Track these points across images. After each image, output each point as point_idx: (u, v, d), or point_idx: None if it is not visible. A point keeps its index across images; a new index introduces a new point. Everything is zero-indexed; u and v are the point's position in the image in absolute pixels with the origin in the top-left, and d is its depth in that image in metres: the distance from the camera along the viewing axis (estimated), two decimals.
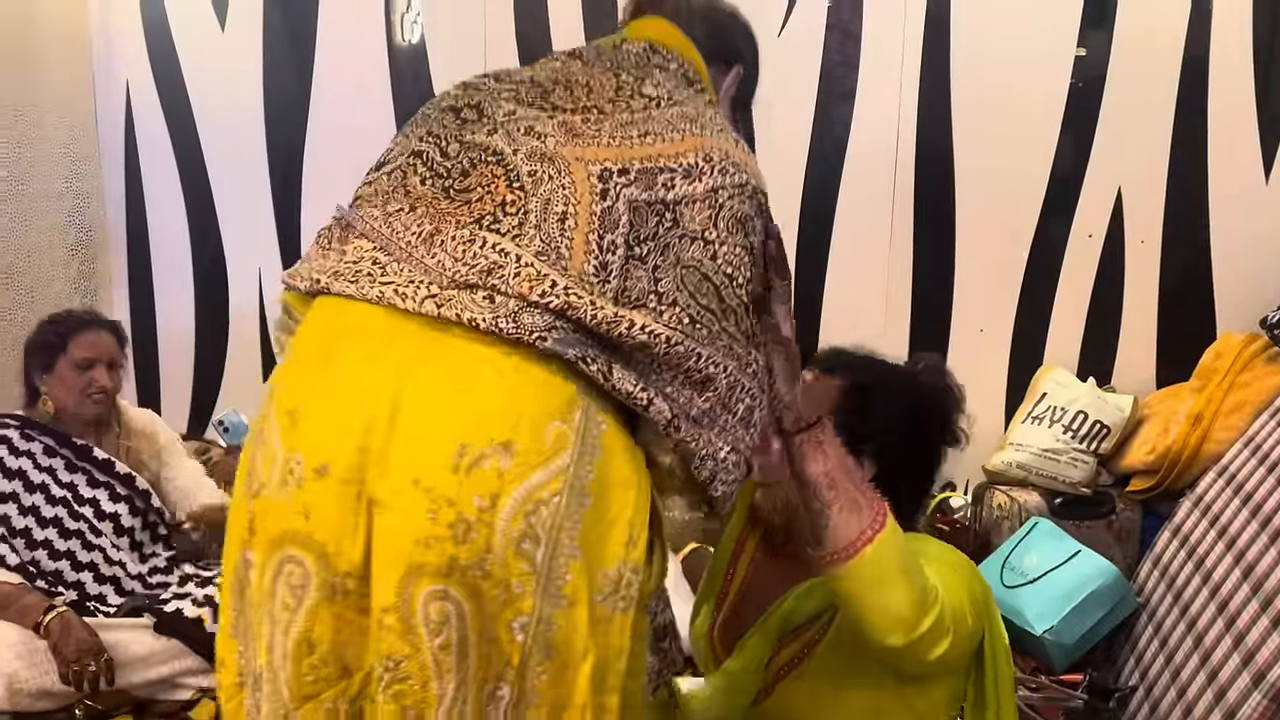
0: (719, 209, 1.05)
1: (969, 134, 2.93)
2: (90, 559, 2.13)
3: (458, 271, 0.98)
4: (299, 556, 0.94)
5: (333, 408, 0.96)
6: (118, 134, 3.29)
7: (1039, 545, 2.49)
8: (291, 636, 0.94)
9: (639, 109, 1.10)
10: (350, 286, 1.01)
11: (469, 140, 1.08)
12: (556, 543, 0.92)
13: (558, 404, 0.94)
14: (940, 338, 3.03)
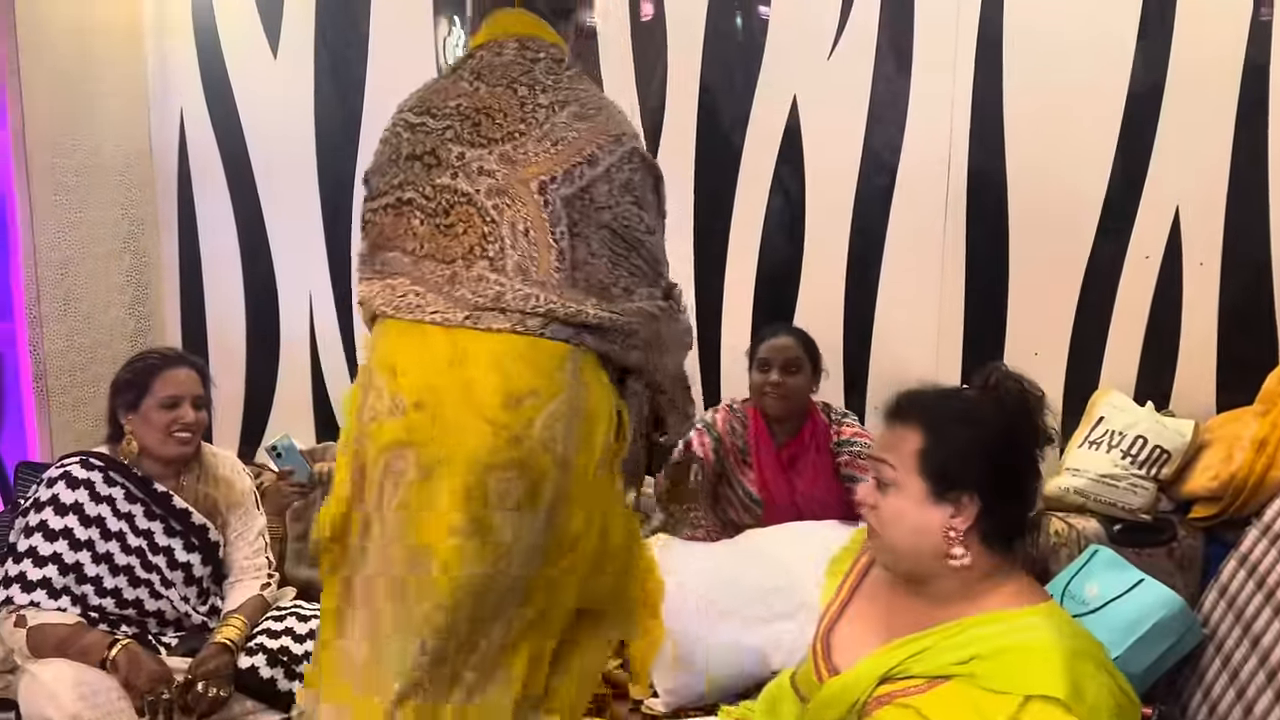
0: (611, 181, 1.51)
1: (1022, 154, 2.90)
2: (157, 607, 2.14)
3: (478, 301, 1.46)
4: (406, 456, 1.43)
5: (421, 370, 1.46)
6: (171, 161, 3.34)
7: (1100, 574, 2.44)
8: (398, 497, 1.43)
9: (544, 120, 1.50)
10: (406, 315, 1.49)
11: (439, 184, 1.51)
12: (565, 440, 1.45)
13: (557, 362, 1.47)
14: (993, 361, 2.99)
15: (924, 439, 1.37)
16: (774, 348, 2.62)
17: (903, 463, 1.37)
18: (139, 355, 2.30)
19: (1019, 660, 1.26)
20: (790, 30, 2.98)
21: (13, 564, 2.03)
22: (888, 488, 1.39)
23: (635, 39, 3.06)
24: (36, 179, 2.80)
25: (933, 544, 1.35)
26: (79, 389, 2.99)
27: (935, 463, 1.35)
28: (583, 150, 1.49)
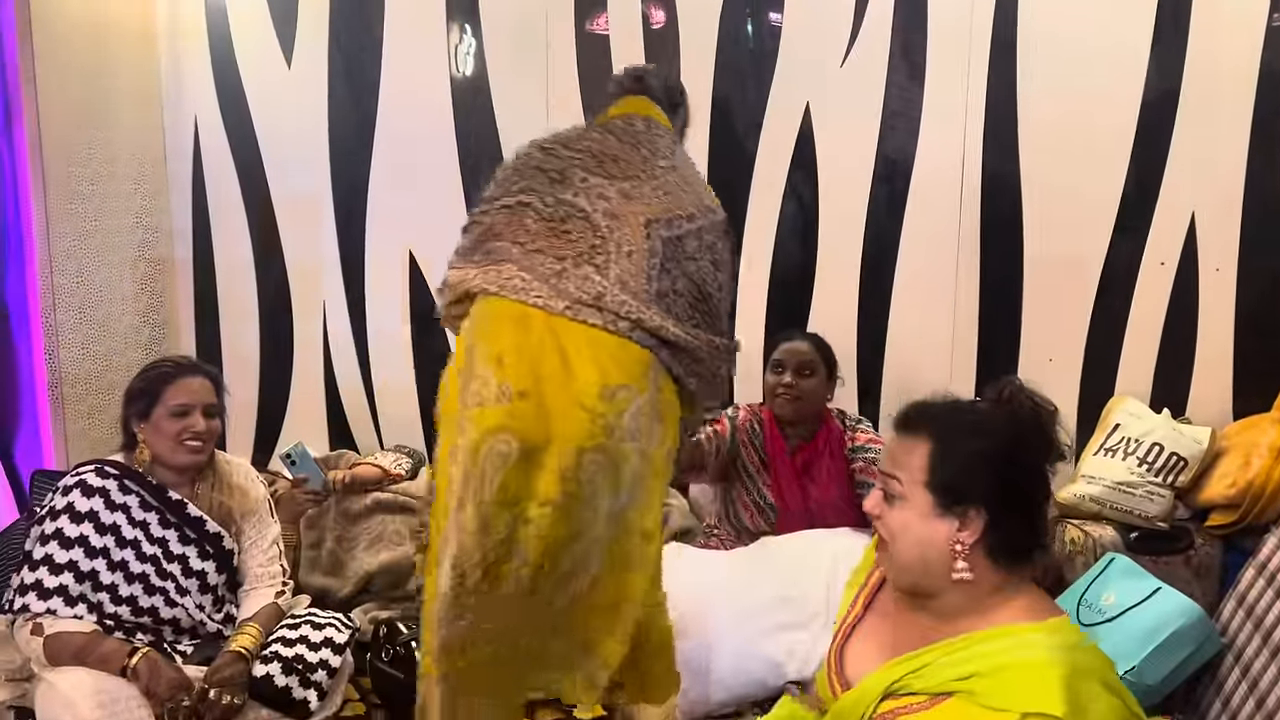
0: (701, 239, 1.79)
1: (1036, 160, 2.89)
2: (172, 615, 2.14)
3: (580, 296, 1.67)
4: (508, 440, 1.59)
5: (526, 359, 1.63)
6: (186, 169, 3.35)
7: (1116, 582, 2.43)
8: (498, 482, 1.59)
9: (658, 176, 1.81)
10: (511, 294, 1.68)
11: (561, 198, 1.75)
12: (649, 435, 1.67)
13: (643, 365, 1.69)
14: (1008, 367, 2.99)
15: (932, 451, 1.35)
16: (788, 350, 2.63)
17: (910, 475, 1.36)
18: (152, 364, 2.30)
19: (1018, 677, 1.24)
20: (803, 37, 2.99)
21: (28, 571, 2.03)
22: (895, 500, 1.38)
23: (648, 45, 3.07)
24: (52, 187, 2.82)
25: (938, 558, 1.34)
26: (94, 396, 3.00)
27: (942, 476, 1.34)
28: (684, 208, 1.80)
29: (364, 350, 3.36)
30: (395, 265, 3.27)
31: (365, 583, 2.80)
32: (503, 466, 1.59)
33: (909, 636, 1.39)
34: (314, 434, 3.38)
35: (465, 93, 3.18)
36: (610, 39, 3.09)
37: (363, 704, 2.32)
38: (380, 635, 2.36)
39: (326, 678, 2.13)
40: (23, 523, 2.52)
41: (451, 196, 3.21)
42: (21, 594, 2.01)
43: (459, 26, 3.17)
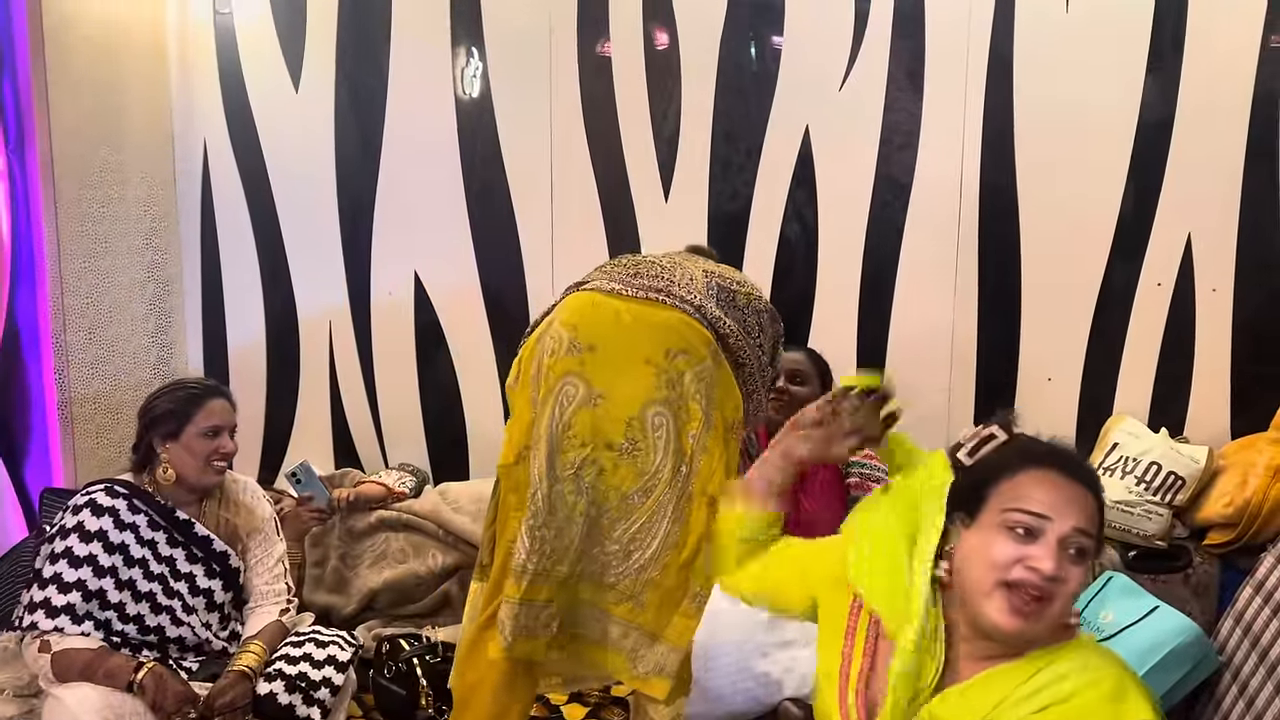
0: (749, 303, 2.08)
1: (1033, 181, 2.92)
2: (178, 633, 2.16)
3: (651, 286, 1.98)
4: (575, 383, 1.88)
5: (597, 325, 1.92)
6: (194, 191, 3.40)
7: (1114, 600, 2.44)
8: (562, 421, 1.87)
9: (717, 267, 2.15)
10: (588, 288, 2.01)
11: (636, 256, 2.13)
12: (709, 398, 1.89)
13: (704, 339, 1.93)
14: (1007, 387, 3.01)
15: (1098, 507, 1.34)
16: (784, 358, 2.67)
17: (1096, 534, 1.32)
18: (175, 384, 2.32)
19: (1102, 709, 1.27)
20: (803, 60, 3.02)
21: (38, 590, 2.06)
22: (1084, 559, 1.30)
23: (650, 67, 3.11)
24: (63, 208, 2.86)
25: (1070, 610, 1.33)
26: (103, 416, 3.04)
27: (1101, 530, 1.34)
28: (739, 280, 2.12)
29: (369, 370, 3.39)
30: (401, 285, 3.31)
31: (369, 600, 2.82)
32: (570, 405, 1.86)
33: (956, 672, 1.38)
34: (319, 452, 3.41)
35: (470, 115, 3.23)
36: (613, 61, 3.13)
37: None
38: (383, 652, 2.38)
39: (330, 695, 2.15)
40: (32, 540, 2.55)
41: (456, 218, 3.25)
42: (30, 611, 2.04)
43: (464, 49, 3.21)
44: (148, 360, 3.25)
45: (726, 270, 2.13)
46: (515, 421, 1.98)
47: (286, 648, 2.21)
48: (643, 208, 3.18)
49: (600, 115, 3.16)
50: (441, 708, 2.23)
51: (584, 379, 1.87)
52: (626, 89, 3.12)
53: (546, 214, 3.23)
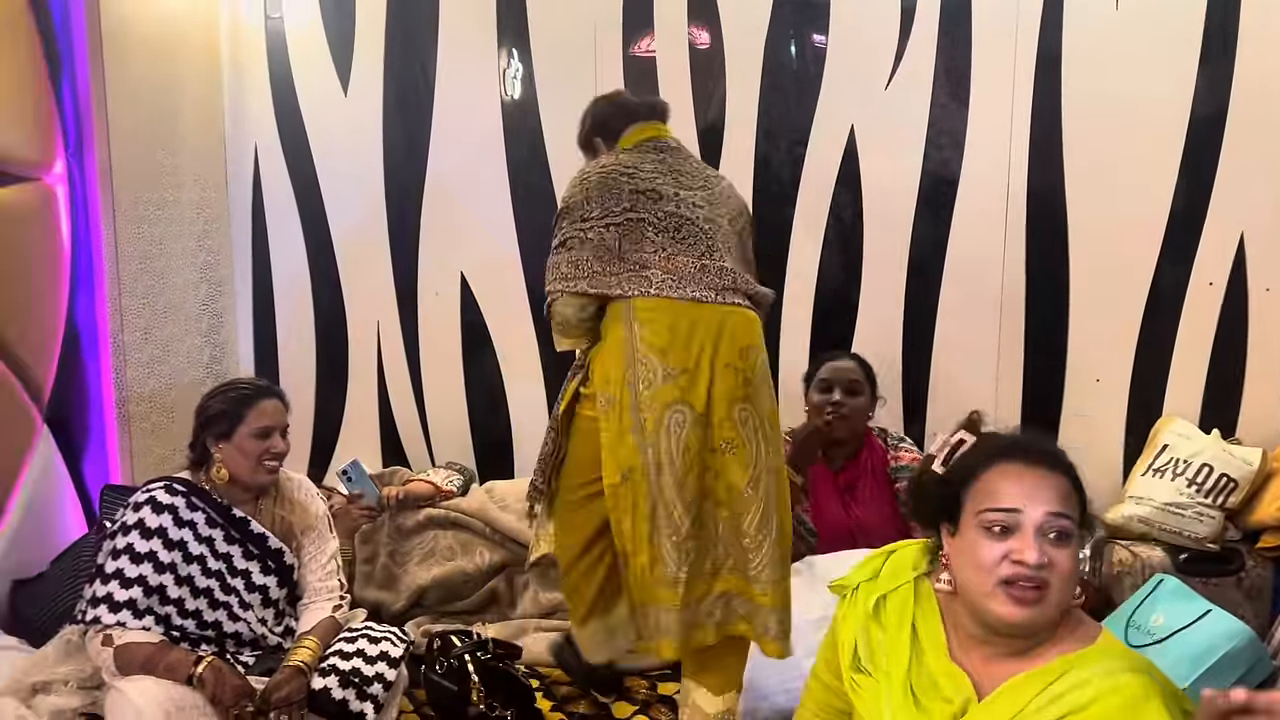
0: (748, 224, 2.33)
1: (1082, 180, 2.90)
2: (235, 629, 2.20)
3: (722, 285, 2.10)
4: (681, 409, 2.02)
5: (681, 344, 2.04)
6: (246, 194, 3.46)
7: (1166, 603, 2.41)
8: (680, 446, 2.02)
9: (715, 183, 2.27)
10: (670, 293, 2.07)
11: (668, 210, 2.13)
12: (768, 377, 2.13)
13: (759, 328, 2.14)
14: (1055, 388, 2.99)
15: (1073, 485, 1.37)
16: (835, 369, 2.65)
17: (1075, 513, 1.35)
18: (228, 385, 2.35)
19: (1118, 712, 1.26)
20: (848, 59, 3.02)
21: (100, 585, 2.11)
22: (1068, 540, 1.33)
23: (693, 67, 3.12)
24: (121, 211, 2.92)
25: (1074, 590, 1.35)
26: (158, 415, 3.10)
27: (1083, 506, 1.36)
28: (739, 204, 2.31)
29: (416, 369, 3.43)
30: (447, 285, 3.35)
31: (418, 597, 2.86)
32: (683, 431, 2.02)
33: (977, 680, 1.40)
34: (368, 450, 3.46)
35: (515, 116, 3.26)
36: (656, 61, 3.14)
37: (416, 715, 2.37)
38: (434, 648, 2.41)
39: (382, 690, 2.18)
40: (92, 536, 2.61)
41: (502, 219, 3.28)
42: (93, 606, 2.09)
43: (508, 51, 3.24)
44: (201, 360, 3.32)
45: (721, 190, 2.27)
46: (618, 444, 2.06)
47: (340, 644, 2.25)
48: None
49: None
50: (492, 704, 2.26)
51: (686, 404, 2.02)
52: (670, 89, 3.14)
53: None
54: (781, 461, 2.11)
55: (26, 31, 2.68)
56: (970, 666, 1.41)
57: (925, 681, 1.43)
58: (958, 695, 1.39)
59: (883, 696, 1.46)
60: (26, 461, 2.70)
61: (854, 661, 1.52)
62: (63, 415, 2.84)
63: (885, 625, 1.50)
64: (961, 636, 1.43)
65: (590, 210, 2.12)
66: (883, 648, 1.48)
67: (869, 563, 1.58)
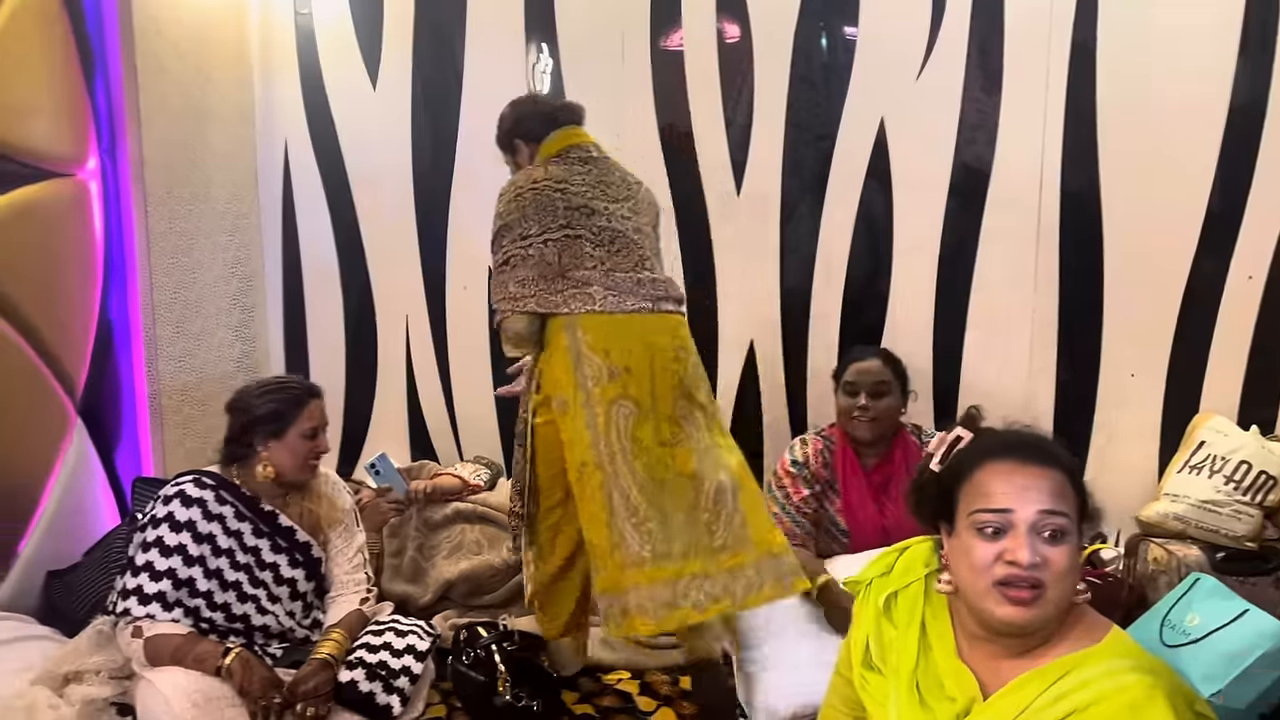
0: (657, 217, 2.50)
1: (1117, 172, 2.85)
2: (263, 622, 2.23)
3: (656, 295, 2.29)
4: (625, 404, 2.17)
5: (624, 347, 2.20)
6: (276, 188, 3.48)
7: (1201, 603, 2.36)
8: (628, 437, 2.16)
9: (635, 191, 2.41)
10: (614, 309, 2.23)
11: (601, 225, 2.29)
12: (700, 379, 2.30)
13: (687, 329, 2.33)
14: (1089, 383, 2.94)
15: (1069, 480, 1.34)
16: (860, 370, 2.60)
17: (1071, 508, 1.33)
18: (276, 384, 2.34)
19: (1120, 712, 1.24)
20: (878, 50, 2.99)
21: (130, 577, 2.14)
22: (1064, 538, 1.31)
23: (722, 60, 3.10)
24: (153, 207, 2.96)
25: (1073, 586, 1.33)
26: (189, 408, 3.13)
27: (1081, 501, 1.34)
28: (656, 209, 2.47)
29: (444, 363, 3.44)
30: (475, 281, 3.35)
31: (445, 590, 2.86)
32: (628, 423, 2.16)
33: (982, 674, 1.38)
34: (396, 445, 3.48)
35: None
36: (685, 55, 3.13)
37: (444, 706, 2.38)
38: (461, 639, 2.42)
39: (409, 684, 2.19)
40: (124, 528, 2.64)
41: None
42: (124, 598, 2.12)
43: (536, 46, 3.24)
44: (231, 354, 3.34)
45: (641, 196, 2.42)
46: (575, 441, 2.19)
47: (367, 636, 2.26)
48: (714, 202, 3.17)
49: (672, 109, 3.16)
50: (519, 694, 2.26)
51: (631, 399, 2.18)
52: (698, 82, 3.12)
53: None
54: (725, 439, 2.29)
55: (61, 30, 2.72)
56: (976, 665, 1.39)
57: (931, 680, 1.42)
58: (962, 694, 1.37)
59: (889, 694, 1.44)
60: (61, 454, 2.74)
61: (865, 658, 1.51)
62: (96, 408, 2.88)
63: (896, 622, 1.49)
64: (968, 634, 1.41)
65: (529, 228, 2.26)
66: (893, 645, 1.47)
67: (882, 559, 1.56)
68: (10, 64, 2.53)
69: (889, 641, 1.48)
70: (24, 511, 2.64)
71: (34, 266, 2.63)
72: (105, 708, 2.12)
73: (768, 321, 3.18)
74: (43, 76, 2.66)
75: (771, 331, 3.18)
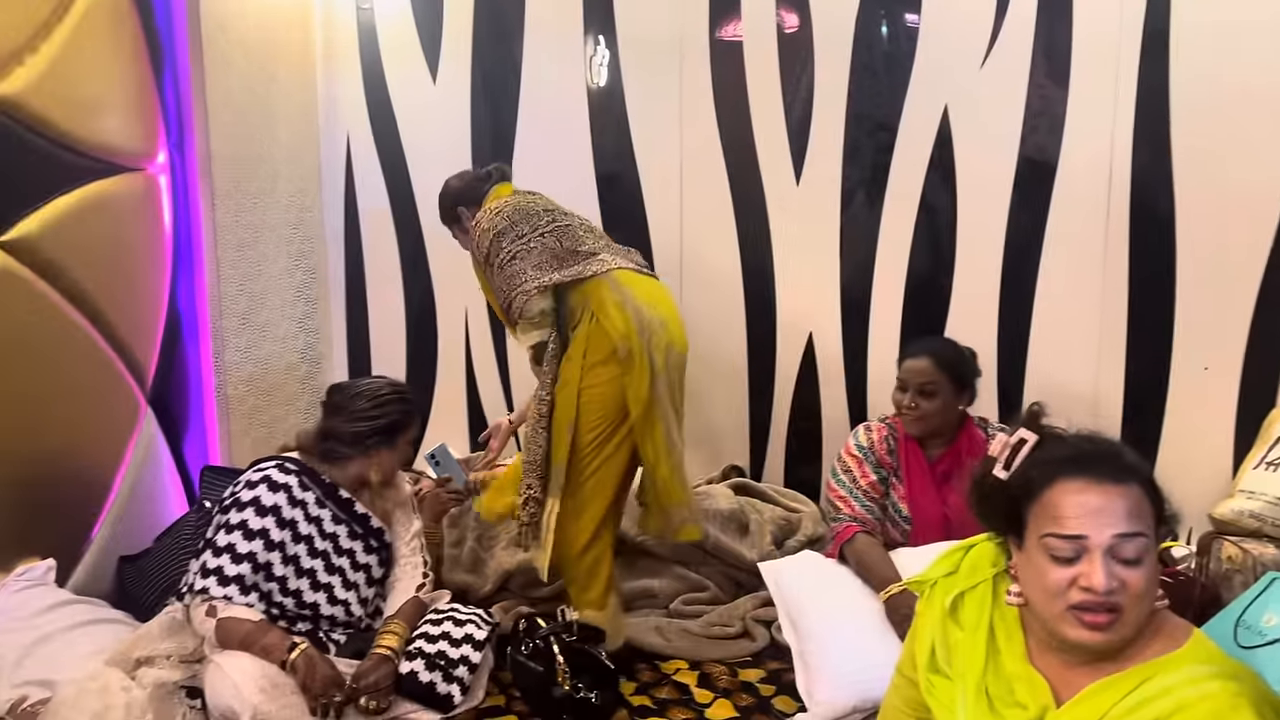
0: None
1: (1192, 157, 2.76)
2: (331, 612, 2.27)
3: (639, 261, 2.65)
4: (674, 348, 2.52)
5: (658, 301, 2.53)
6: (338, 182, 3.53)
7: (1278, 603, 2.30)
8: (674, 374, 2.53)
9: (567, 214, 2.66)
10: (632, 269, 2.59)
11: (573, 220, 2.64)
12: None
13: None
14: (1160, 376, 2.86)
15: (1144, 493, 1.30)
16: (910, 369, 2.54)
17: (1148, 524, 1.28)
18: (392, 394, 2.37)
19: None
20: (941, 39, 2.94)
21: (211, 557, 2.17)
22: (1142, 559, 1.26)
23: (781, 51, 3.07)
24: (220, 200, 3.01)
25: (1154, 602, 1.29)
26: (255, 398, 3.19)
27: (1159, 511, 1.30)
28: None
29: (503, 355, 3.46)
30: None
31: (504, 581, 2.88)
32: (675, 363, 2.52)
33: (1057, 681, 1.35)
34: (456, 435, 3.51)
35: (600, 103, 3.26)
36: (744, 46, 3.11)
37: (504, 697, 2.39)
38: (520, 630, 2.43)
39: (468, 673, 2.21)
40: (192, 514, 2.70)
41: (587, 204, 3.28)
42: (203, 577, 2.15)
43: (594, 39, 3.24)
44: (296, 345, 3.40)
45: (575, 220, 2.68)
46: (640, 383, 2.44)
47: (426, 626, 2.29)
48: (773, 193, 3.15)
49: (731, 99, 3.14)
50: (578, 685, 2.27)
51: (674, 345, 2.51)
52: (757, 72, 3.10)
53: (675, 201, 3.24)
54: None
55: (131, 28, 2.78)
56: (1049, 671, 1.35)
57: (1001, 685, 1.38)
58: (1034, 701, 1.33)
59: (957, 699, 1.41)
60: (131, 442, 2.80)
61: (931, 662, 1.47)
62: (165, 398, 2.94)
63: (963, 624, 1.45)
64: (1039, 640, 1.37)
65: (520, 230, 2.52)
66: (959, 649, 1.43)
67: (947, 557, 1.52)
68: (83, 62, 2.59)
69: (955, 644, 1.44)
70: (97, 499, 2.71)
71: (106, 259, 2.69)
72: (175, 690, 2.15)
73: (827, 313, 3.15)
74: (114, 74, 2.72)
75: (831, 323, 3.15)
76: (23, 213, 2.43)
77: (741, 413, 3.31)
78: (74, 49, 2.55)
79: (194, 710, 2.13)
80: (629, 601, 2.80)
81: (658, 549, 2.88)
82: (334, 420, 2.33)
